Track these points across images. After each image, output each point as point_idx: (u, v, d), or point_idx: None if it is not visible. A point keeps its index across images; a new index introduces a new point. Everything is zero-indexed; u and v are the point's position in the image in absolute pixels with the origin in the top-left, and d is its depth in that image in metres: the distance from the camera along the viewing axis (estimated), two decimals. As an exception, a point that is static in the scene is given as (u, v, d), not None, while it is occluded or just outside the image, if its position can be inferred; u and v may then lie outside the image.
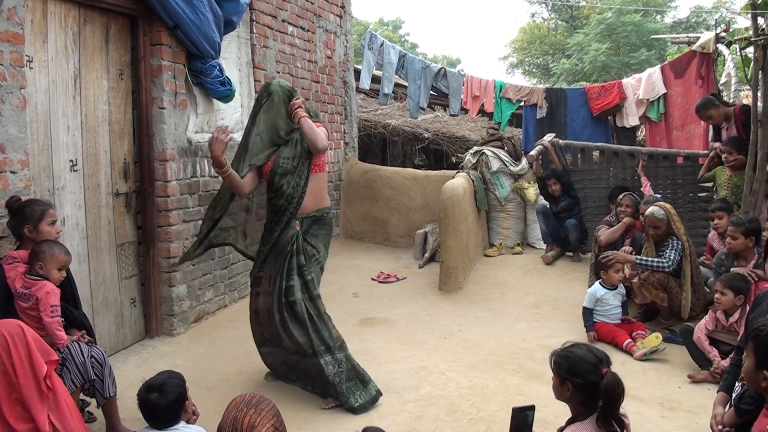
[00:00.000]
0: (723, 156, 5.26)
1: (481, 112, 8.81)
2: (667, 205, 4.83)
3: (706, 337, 3.96)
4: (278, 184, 3.48)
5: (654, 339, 4.31)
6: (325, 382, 3.44)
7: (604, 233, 5.52)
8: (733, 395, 2.66)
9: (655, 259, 4.64)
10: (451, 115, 9.41)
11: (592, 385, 2.16)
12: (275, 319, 3.48)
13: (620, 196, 5.62)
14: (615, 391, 2.14)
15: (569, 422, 2.27)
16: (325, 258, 3.67)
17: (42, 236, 2.91)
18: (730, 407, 2.68)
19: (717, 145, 5.56)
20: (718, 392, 2.78)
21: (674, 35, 15.01)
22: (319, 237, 3.61)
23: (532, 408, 2.32)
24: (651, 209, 4.78)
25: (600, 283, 4.70)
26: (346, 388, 3.42)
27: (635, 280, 4.73)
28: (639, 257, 4.70)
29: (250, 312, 3.68)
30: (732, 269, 4.18)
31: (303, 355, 3.46)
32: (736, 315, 3.86)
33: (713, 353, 3.88)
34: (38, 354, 2.40)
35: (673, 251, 4.61)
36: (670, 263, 4.58)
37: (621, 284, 4.72)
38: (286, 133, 3.55)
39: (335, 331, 3.54)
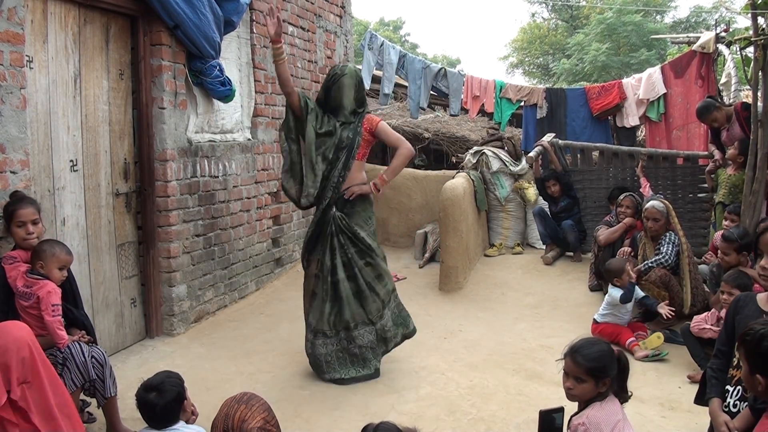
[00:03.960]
0: (729, 153, 5.26)
1: (481, 112, 8.79)
2: (666, 201, 4.93)
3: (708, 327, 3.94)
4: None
5: (656, 339, 4.31)
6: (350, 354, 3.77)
7: (603, 233, 5.52)
8: (729, 399, 2.61)
9: (653, 259, 4.69)
10: (451, 115, 9.40)
11: (619, 369, 2.40)
12: (319, 299, 3.80)
13: (621, 197, 5.63)
14: (628, 365, 2.45)
15: (584, 406, 2.37)
16: (372, 223, 3.93)
17: (14, 238, 2.90)
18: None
19: (717, 154, 5.56)
20: (710, 399, 2.67)
21: (674, 35, 15.01)
22: (356, 215, 3.83)
23: (560, 410, 2.31)
24: (651, 202, 4.85)
25: (613, 285, 4.63)
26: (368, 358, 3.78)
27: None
28: (644, 264, 4.73)
29: (305, 292, 3.92)
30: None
31: (345, 329, 3.77)
32: None
33: (717, 329, 3.86)
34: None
35: (669, 245, 4.70)
36: (667, 257, 4.66)
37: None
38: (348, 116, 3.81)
39: (375, 305, 3.82)
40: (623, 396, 2.44)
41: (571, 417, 2.40)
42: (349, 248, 3.77)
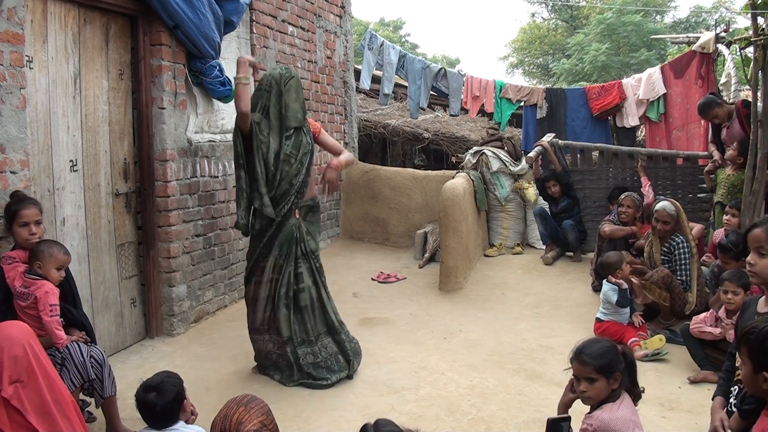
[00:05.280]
0: (728, 154, 5.27)
1: (481, 112, 8.80)
2: (677, 203, 4.92)
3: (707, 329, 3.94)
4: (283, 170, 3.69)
5: (657, 341, 4.30)
6: (309, 367, 3.71)
7: (609, 226, 5.55)
8: (731, 400, 2.63)
9: (680, 280, 4.70)
10: (451, 115, 9.41)
11: (627, 364, 2.43)
12: (277, 307, 3.69)
13: (622, 196, 5.64)
14: (634, 360, 2.50)
15: (596, 407, 2.39)
16: (319, 233, 4.02)
17: (16, 237, 2.90)
18: (727, 411, 2.65)
19: (716, 154, 5.57)
20: (714, 397, 2.75)
21: (674, 35, 15.00)
22: (314, 224, 3.88)
23: (567, 419, 2.32)
24: (662, 204, 4.83)
25: (607, 282, 4.63)
26: (329, 371, 3.75)
27: (635, 281, 4.73)
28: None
29: (247, 299, 3.81)
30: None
31: (299, 343, 3.72)
32: None
33: (717, 331, 3.87)
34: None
35: (684, 263, 4.68)
36: (688, 277, 4.68)
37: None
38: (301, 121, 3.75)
39: (333, 315, 3.85)
40: (635, 392, 2.47)
41: (585, 417, 2.41)
42: (309, 261, 3.75)
